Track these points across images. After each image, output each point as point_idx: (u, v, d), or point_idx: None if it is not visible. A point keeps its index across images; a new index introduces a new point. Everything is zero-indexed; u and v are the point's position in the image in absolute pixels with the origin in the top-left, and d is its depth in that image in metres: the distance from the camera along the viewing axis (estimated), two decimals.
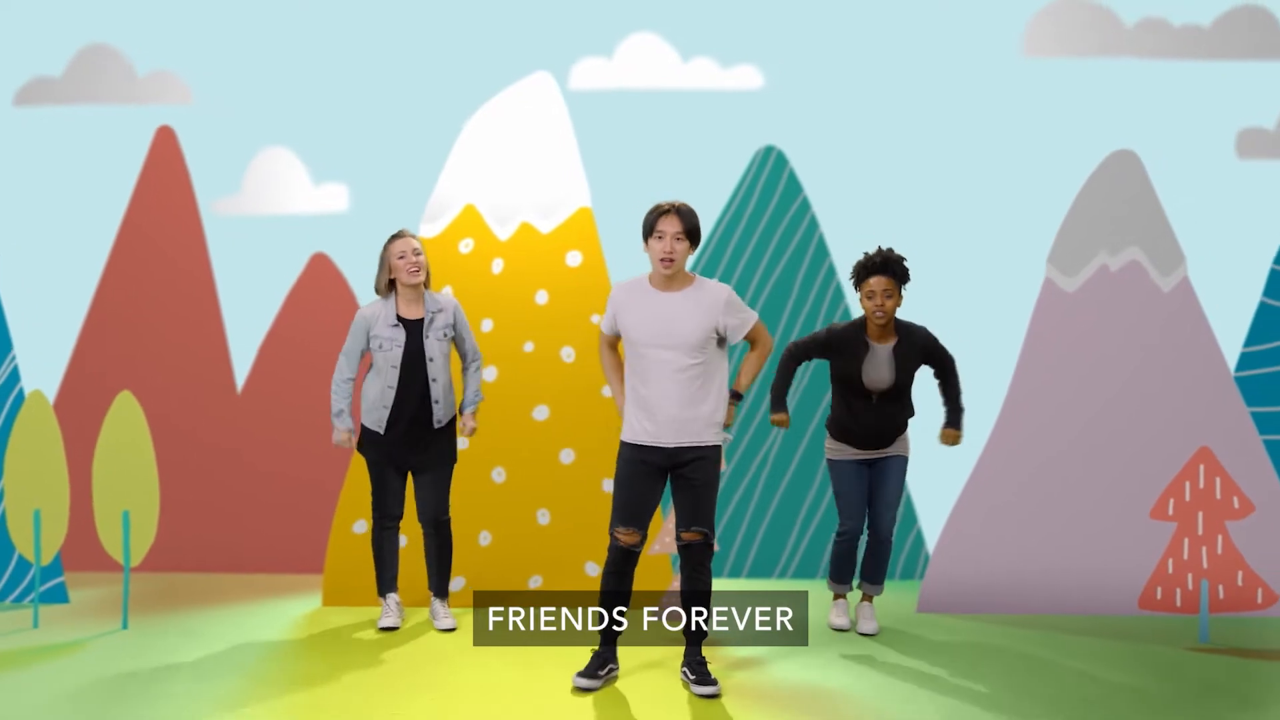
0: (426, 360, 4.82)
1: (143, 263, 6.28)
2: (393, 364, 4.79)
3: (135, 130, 6.47)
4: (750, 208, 6.26)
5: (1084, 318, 5.44)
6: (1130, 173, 5.46)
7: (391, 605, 5.00)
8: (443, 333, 4.87)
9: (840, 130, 6.44)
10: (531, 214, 5.59)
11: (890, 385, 4.79)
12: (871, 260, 4.75)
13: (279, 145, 6.74)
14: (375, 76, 6.59)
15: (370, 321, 4.84)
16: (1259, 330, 5.91)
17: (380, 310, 4.86)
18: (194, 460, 6.18)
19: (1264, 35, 6.80)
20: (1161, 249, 5.43)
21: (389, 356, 4.80)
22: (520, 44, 6.53)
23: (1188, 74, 6.71)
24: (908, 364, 4.81)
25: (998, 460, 5.42)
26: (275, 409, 6.22)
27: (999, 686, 4.21)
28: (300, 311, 6.24)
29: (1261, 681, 4.32)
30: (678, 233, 3.99)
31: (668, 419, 4.02)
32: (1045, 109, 6.54)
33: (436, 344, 4.84)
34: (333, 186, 6.75)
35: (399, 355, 4.79)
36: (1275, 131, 6.73)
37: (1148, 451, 5.34)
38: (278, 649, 4.68)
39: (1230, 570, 4.93)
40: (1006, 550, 5.36)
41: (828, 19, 6.66)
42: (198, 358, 6.27)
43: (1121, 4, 6.80)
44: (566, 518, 5.47)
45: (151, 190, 6.31)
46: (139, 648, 4.65)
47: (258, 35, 6.66)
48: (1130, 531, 5.29)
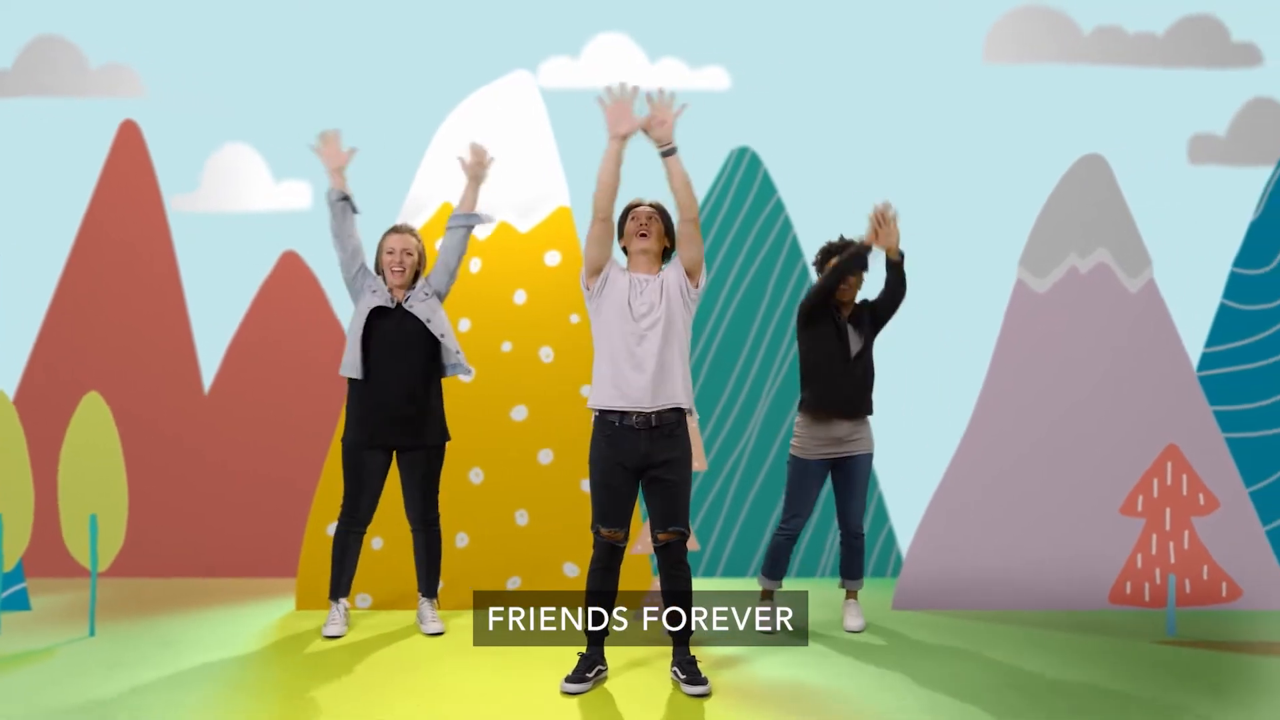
0: (424, 322, 4.75)
1: (106, 259, 6.14)
2: (363, 312, 4.73)
3: (89, 124, 6.31)
4: (725, 208, 6.29)
5: (1054, 318, 5.56)
6: (1098, 176, 5.59)
7: (339, 612, 4.86)
8: (423, 295, 4.81)
9: (809, 132, 6.50)
10: (510, 213, 5.55)
11: (862, 347, 4.97)
12: (836, 246, 4.99)
13: (239, 141, 6.63)
14: (339, 73, 6.53)
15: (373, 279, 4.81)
16: (1220, 331, 6.10)
17: (381, 287, 4.82)
18: (161, 462, 6.05)
19: (1215, 44, 7.01)
20: (1129, 251, 5.57)
21: (364, 304, 4.75)
22: (487, 43, 6.50)
23: (1143, 81, 6.90)
24: (865, 329, 5.00)
25: (971, 458, 5.50)
26: (244, 409, 6.11)
27: (978, 682, 4.27)
28: (270, 310, 6.13)
29: (1228, 672, 4.44)
30: (650, 213, 4.22)
31: (645, 389, 4.04)
32: (1008, 113, 6.67)
33: (420, 304, 4.77)
34: (295, 184, 6.65)
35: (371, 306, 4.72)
36: (1226, 138, 6.94)
37: (1116, 449, 5.47)
38: (254, 656, 4.58)
39: (1196, 565, 5.07)
40: (980, 547, 5.45)
41: (795, 22, 6.73)
42: (163, 357, 6.14)
43: (1079, 12, 6.97)
44: (545, 518, 5.44)
45: (115, 186, 6.17)
46: (109, 656, 4.52)
47: (214, 28, 6.54)
48: (1100, 528, 5.42)
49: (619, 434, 4.08)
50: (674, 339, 4.11)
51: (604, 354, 4.14)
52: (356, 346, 4.74)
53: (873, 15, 6.75)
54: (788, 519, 5.04)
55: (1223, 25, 7.01)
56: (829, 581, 5.97)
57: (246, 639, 4.81)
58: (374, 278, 4.83)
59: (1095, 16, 6.98)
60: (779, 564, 5.10)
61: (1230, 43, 7.02)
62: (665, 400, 4.08)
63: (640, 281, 4.16)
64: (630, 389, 4.07)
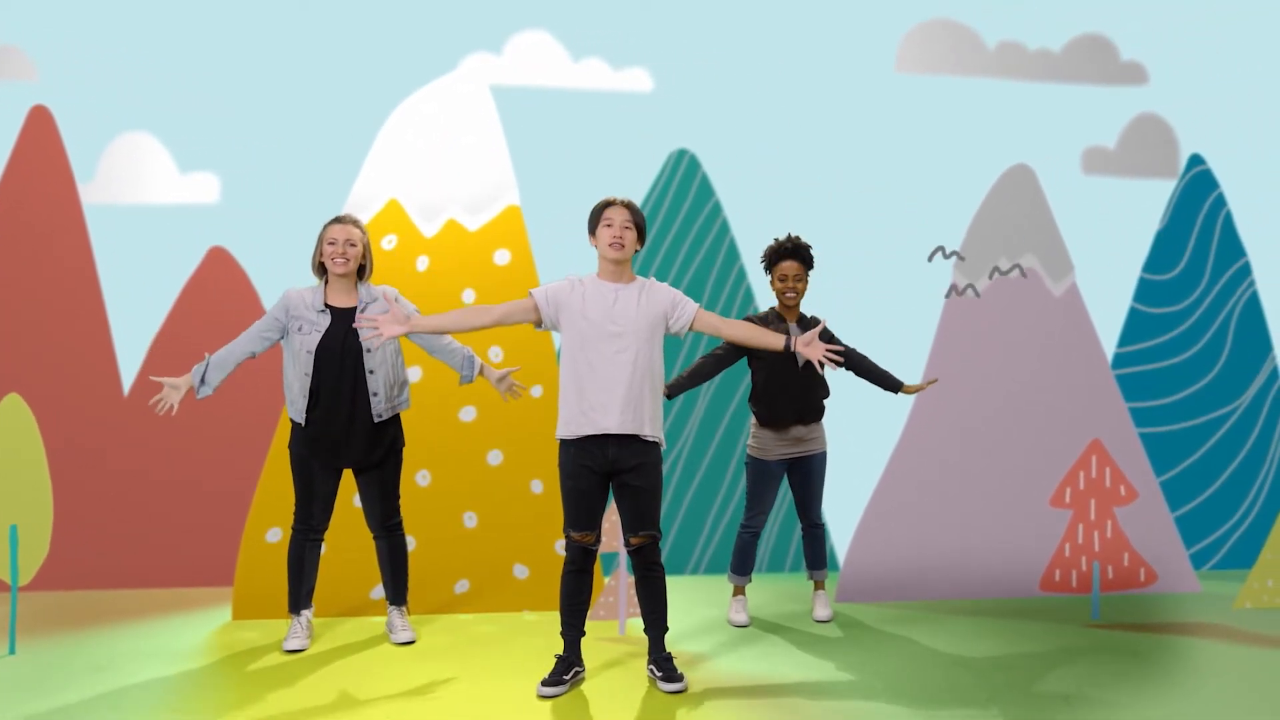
0: (362, 351, 4.53)
1: (17, 251, 5.73)
2: (308, 349, 4.47)
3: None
4: (664, 209, 6.33)
5: (986, 321, 5.81)
6: (1026, 185, 5.86)
7: (302, 624, 4.64)
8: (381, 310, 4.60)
9: (737, 135, 6.61)
10: (458, 210, 5.45)
11: None
12: (783, 246, 5.03)
13: (140, 130, 6.32)
14: (248, 62, 6.32)
15: (295, 302, 4.52)
16: (1130, 332, 6.49)
17: (309, 295, 4.55)
18: (81, 467, 5.70)
19: (1105, 62, 7.44)
20: (1054, 257, 5.86)
21: (305, 341, 4.47)
22: (410, 39, 6.39)
23: (1039, 95, 7.27)
24: None
25: (908, 455, 5.70)
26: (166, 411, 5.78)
27: (929, 664, 4.48)
28: (195, 307, 5.84)
29: (1147, 650, 4.74)
30: (626, 221, 4.07)
31: (613, 408, 3.99)
32: (920, 122, 6.92)
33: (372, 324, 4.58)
34: (202, 175, 6.39)
35: (315, 341, 4.47)
36: (1115, 151, 7.38)
37: (1044, 444, 5.77)
38: (196, 673, 4.27)
39: (1118, 553, 5.38)
40: (918, 540, 5.66)
41: (717, 26, 6.83)
42: (80, 357, 5.78)
43: (984, 27, 7.29)
44: (495, 520, 5.36)
45: (24, 175, 5.77)
46: (34, 677, 4.19)
47: (111, 13, 6.21)
48: (1031, 519, 5.69)
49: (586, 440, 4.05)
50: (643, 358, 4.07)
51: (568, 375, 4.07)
52: (303, 393, 4.49)
53: (790, 21, 6.91)
54: (750, 517, 5.13)
55: (1113, 44, 7.45)
56: (797, 575, 6.11)
57: (187, 654, 4.53)
58: (291, 315, 4.52)
59: (999, 32, 7.32)
60: (746, 561, 5.19)
61: (1119, 61, 7.47)
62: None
63: (609, 292, 4.08)
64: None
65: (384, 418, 4.62)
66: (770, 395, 5.01)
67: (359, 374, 4.53)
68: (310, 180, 5.95)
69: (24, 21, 6.21)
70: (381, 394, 4.59)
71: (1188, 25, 7.41)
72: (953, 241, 5.76)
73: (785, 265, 5.00)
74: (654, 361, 4.10)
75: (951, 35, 7.33)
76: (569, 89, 6.74)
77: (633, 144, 6.52)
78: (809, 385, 5.04)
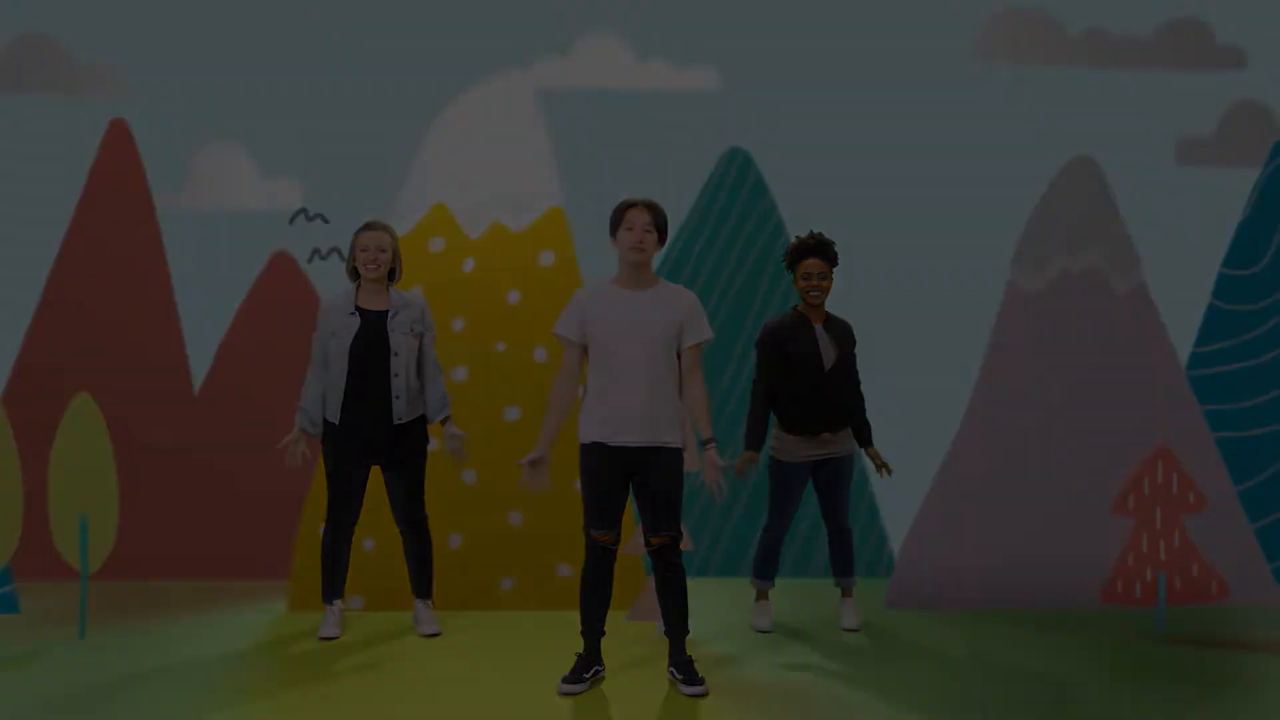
0: (390, 354, 4.73)
1: (96, 259, 6.07)
2: (341, 351, 4.70)
3: (74, 123, 6.25)
4: (717, 208, 6.30)
5: (1046, 320, 5.59)
6: (1088, 178, 5.62)
7: (334, 613, 4.85)
8: (408, 328, 4.77)
9: (799, 133, 6.50)
10: (503, 213, 5.54)
11: (837, 359, 4.92)
12: (805, 243, 4.92)
13: (226, 138, 6.60)
14: (328, 71, 6.49)
15: (328, 310, 4.80)
16: (1209, 331, 6.15)
17: (340, 300, 4.80)
18: (150, 463, 5.98)
19: (1200, 47, 7.07)
20: (1119, 252, 5.60)
21: (339, 343, 4.72)
22: (476, 41, 6.48)
23: (1130, 82, 6.94)
24: (842, 340, 4.97)
25: (963, 458, 5.53)
26: (234, 411, 6.06)
27: (972, 681, 4.31)
28: (261, 310, 6.09)
29: (1217, 669, 4.48)
30: (647, 224, 4.05)
31: (634, 417, 4.01)
32: (997, 114, 6.69)
33: (402, 338, 4.74)
34: (285, 181, 6.62)
35: (348, 343, 4.70)
36: (1213, 140, 6.99)
37: (1108, 448, 5.50)
38: (247, 657, 4.56)
39: (1186, 563, 5.11)
40: (972, 546, 5.47)
41: (786, 23, 6.74)
42: (153, 358, 6.08)
43: (1066, 14, 7.01)
44: (539, 519, 5.43)
45: (104, 185, 6.10)
46: (100, 659, 4.48)
47: (199, 25, 6.50)
48: (1092, 526, 5.44)
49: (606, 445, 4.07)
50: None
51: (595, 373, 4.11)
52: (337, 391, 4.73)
53: (863, 15, 6.77)
54: (773, 521, 5.04)
55: (1208, 28, 7.07)
56: (823, 580, 5.99)
57: (239, 641, 4.78)
58: (326, 327, 4.76)
59: (1082, 19, 7.03)
60: (769, 565, 5.11)
61: (1216, 45, 7.08)
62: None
63: (628, 299, 4.08)
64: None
65: (404, 420, 4.79)
66: (802, 401, 4.91)
67: (385, 375, 4.73)
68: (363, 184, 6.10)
69: (119, 39, 6.55)
70: (403, 398, 4.77)
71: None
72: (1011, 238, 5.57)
73: (809, 263, 4.90)
74: (674, 366, 4.09)
75: (1031, 24, 7.08)
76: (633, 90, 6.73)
77: (690, 143, 6.49)
78: (841, 389, 4.94)
